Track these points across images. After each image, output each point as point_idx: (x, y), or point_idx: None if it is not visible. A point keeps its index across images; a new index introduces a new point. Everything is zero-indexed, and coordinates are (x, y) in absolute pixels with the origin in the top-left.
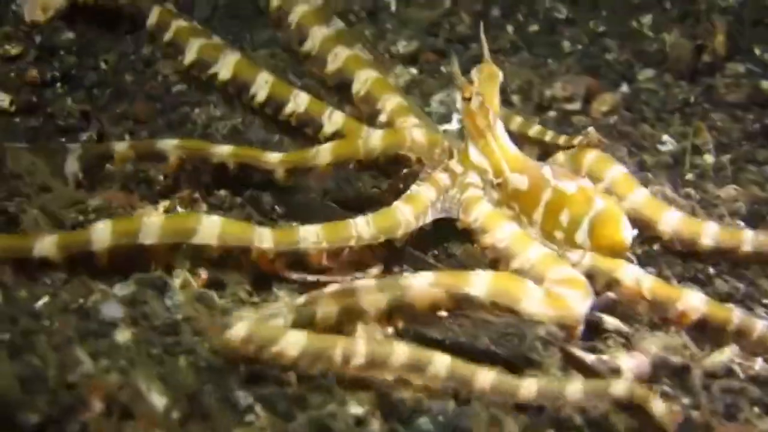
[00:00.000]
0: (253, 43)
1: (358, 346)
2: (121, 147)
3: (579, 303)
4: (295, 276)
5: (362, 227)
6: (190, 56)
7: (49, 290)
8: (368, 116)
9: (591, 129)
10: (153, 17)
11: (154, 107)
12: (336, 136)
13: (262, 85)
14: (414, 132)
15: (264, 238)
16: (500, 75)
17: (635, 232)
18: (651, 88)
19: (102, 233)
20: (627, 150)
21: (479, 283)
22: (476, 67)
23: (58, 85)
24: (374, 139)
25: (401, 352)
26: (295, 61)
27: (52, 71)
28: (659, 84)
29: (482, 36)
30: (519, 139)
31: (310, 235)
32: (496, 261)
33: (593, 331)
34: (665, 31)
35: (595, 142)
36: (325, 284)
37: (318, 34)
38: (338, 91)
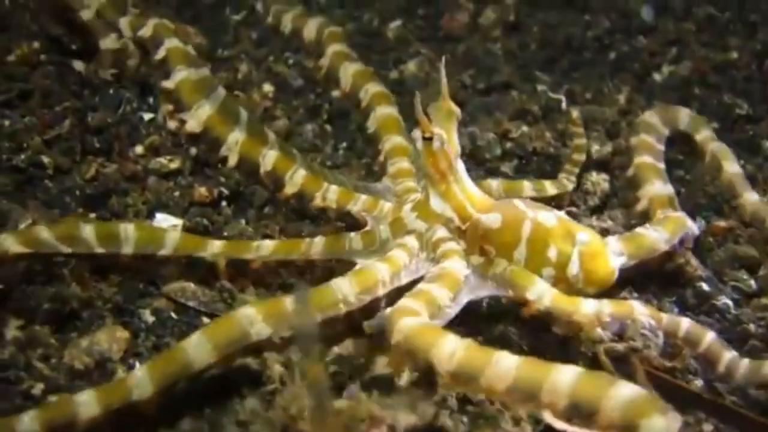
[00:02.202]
0: None
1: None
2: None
3: None
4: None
5: (346, 288)
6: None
7: None
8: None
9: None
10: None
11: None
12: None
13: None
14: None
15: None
16: (458, 113)
17: (623, 260)
18: None
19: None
20: None
21: None
22: (433, 105)
23: (224, 203)
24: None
25: None
26: None
27: (218, 187)
28: None
29: (442, 74)
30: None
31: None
32: None
33: None
34: None
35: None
36: None
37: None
38: None
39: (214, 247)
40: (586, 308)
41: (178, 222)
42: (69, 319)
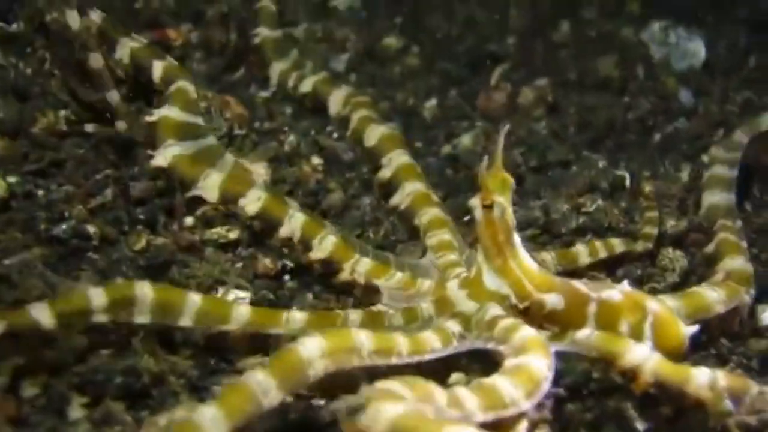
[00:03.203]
0: None
1: None
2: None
3: None
4: None
5: (363, 339)
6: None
7: None
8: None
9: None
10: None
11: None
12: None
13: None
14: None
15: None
16: (513, 183)
17: (694, 328)
18: None
19: None
20: None
21: None
22: (486, 172)
23: (287, 277)
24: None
25: None
26: None
27: (282, 260)
28: None
29: (500, 140)
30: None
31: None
32: None
33: None
34: None
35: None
36: None
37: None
38: None
39: (240, 316)
40: (700, 378)
41: (245, 295)
42: (140, 395)
